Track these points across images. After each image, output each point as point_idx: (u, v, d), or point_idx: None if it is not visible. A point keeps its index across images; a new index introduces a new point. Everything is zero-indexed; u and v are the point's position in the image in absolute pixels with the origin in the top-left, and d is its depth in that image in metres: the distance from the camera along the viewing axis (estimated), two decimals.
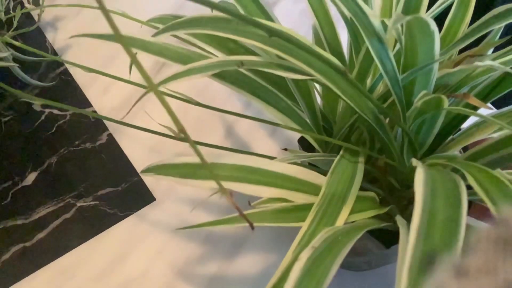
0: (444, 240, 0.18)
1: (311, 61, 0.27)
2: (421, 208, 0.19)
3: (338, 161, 0.31)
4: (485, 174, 0.23)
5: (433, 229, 0.18)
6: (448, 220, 0.19)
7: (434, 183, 0.21)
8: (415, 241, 0.18)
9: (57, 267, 0.47)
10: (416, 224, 0.18)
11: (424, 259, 0.18)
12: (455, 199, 0.20)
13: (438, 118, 0.30)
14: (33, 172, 0.53)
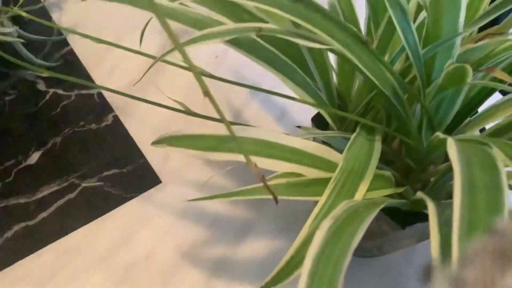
0: (489, 207, 0.17)
1: (331, 30, 0.26)
2: (460, 176, 0.18)
3: (355, 138, 0.30)
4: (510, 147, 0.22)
5: (476, 197, 0.18)
6: (488, 187, 0.18)
7: (467, 153, 0.20)
8: (461, 209, 0.17)
9: (60, 247, 0.47)
10: (459, 192, 0.18)
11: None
12: (491, 166, 0.19)
13: (459, 95, 0.29)
14: (36, 151, 0.52)
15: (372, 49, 0.26)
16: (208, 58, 0.59)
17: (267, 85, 0.51)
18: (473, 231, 0.17)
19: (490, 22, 0.32)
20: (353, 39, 0.26)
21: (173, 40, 0.18)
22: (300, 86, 0.31)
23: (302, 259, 0.24)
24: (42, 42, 0.60)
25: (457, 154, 0.20)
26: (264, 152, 0.28)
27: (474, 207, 0.17)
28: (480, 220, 0.17)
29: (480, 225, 0.17)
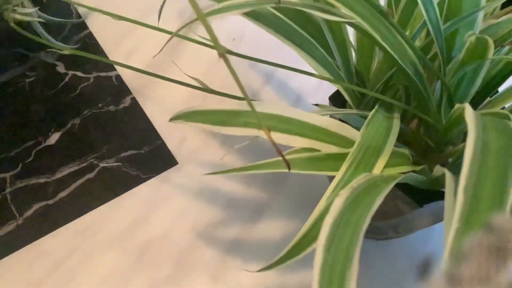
0: (498, 168, 0.17)
1: (351, 3, 0.26)
2: (474, 135, 0.18)
3: (373, 115, 0.30)
4: None
5: (487, 157, 0.17)
6: (502, 150, 0.18)
7: (484, 119, 0.20)
8: (470, 166, 0.17)
9: (78, 225, 0.47)
10: (471, 150, 0.17)
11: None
12: (507, 132, 0.19)
13: (480, 71, 0.29)
14: (56, 132, 0.53)
15: (393, 22, 0.25)
16: (225, 40, 0.59)
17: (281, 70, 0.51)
18: (480, 189, 0.17)
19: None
20: (374, 12, 0.26)
21: (196, 8, 0.18)
22: (319, 62, 0.31)
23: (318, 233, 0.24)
24: (61, 25, 0.60)
25: (473, 116, 0.19)
26: (280, 127, 0.28)
27: (484, 166, 0.17)
28: (488, 181, 0.17)
29: (488, 185, 0.17)
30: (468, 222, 0.16)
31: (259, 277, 0.45)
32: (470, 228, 0.15)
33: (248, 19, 0.28)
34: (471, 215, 0.16)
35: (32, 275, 0.45)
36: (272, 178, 0.50)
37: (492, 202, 0.17)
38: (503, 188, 0.17)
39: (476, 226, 0.16)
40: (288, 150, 0.28)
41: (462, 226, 0.16)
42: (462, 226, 0.16)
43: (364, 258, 0.45)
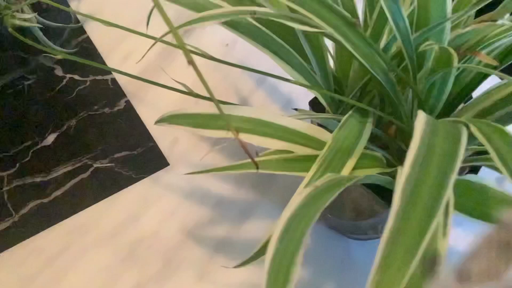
0: (439, 169, 0.19)
1: (323, 14, 0.28)
2: (419, 139, 0.20)
3: (347, 119, 0.32)
4: (491, 128, 0.23)
5: (430, 160, 0.19)
6: (446, 153, 0.19)
7: (435, 125, 0.21)
8: (411, 168, 0.19)
9: (72, 223, 0.49)
10: (413, 151, 0.19)
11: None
12: (454, 138, 0.20)
13: (449, 78, 0.30)
14: (52, 133, 0.55)
15: (361, 32, 0.27)
16: (218, 46, 0.61)
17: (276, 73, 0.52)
18: (419, 187, 0.18)
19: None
20: (344, 22, 0.28)
21: (166, 20, 0.19)
22: (296, 69, 0.32)
23: None
24: (60, 29, 0.62)
25: (423, 122, 0.21)
26: (257, 130, 0.30)
27: (425, 167, 0.19)
28: (427, 179, 0.18)
29: (426, 184, 0.18)
30: (404, 221, 0.17)
31: (245, 275, 0.46)
32: (404, 231, 0.17)
33: (226, 28, 0.30)
34: (405, 217, 0.18)
35: (26, 270, 0.47)
36: (261, 180, 0.52)
37: (429, 202, 0.18)
38: (440, 188, 0.18)
39: (409, 229, 0.17)
40: (264, 152, 0.30)
41: (396, 228, 0.17)
42: (396, 228, 0.17)
43: (348, 258, 0.47)
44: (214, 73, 0.59)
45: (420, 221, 0.18)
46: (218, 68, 0.59)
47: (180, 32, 0.64)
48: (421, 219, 0.18)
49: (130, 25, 0.64)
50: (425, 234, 0.17)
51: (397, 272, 0.17)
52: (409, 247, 0.17)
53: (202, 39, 0.62)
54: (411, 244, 0.17)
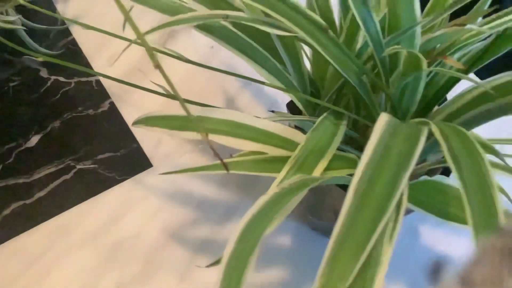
0: (393, 172, 0.19)
1: (296, 19, 0.28)
2: (376, 141, 0.20)
3: (321, 121, 0.32)
4: (451, 128, 0.24)
5: (386, 160, 0.19)
6: (401, 154, 0.20)
7: (397, 127, 0.22)
8: (365, 167, 0.19)
9: (54, 224, 0.49)
10: (369, 153, 0.19)
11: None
12: (413, 139, 0.21)
13: (420, 81, 0.31)
14: (36, 134, 0.55)
15: (332, 36, 0.28)
16: (204, 48, 0.61)
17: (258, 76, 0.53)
18: (372, 185, 0.19)
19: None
20: (316, 27, 0.28)
21: (132, 25, 0.20)
22: (271, 72, 0.33)
23: None
24: (45, 31, 0.62)
25: (382, 125, 0.21)
26: (232, 132, 0.30)
27: (380, 168, 0.19)
28: (381, 179, 0.19)
29: (379, 184, 0.19)
30: (353, 221, 0.18)
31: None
32: (352, 231, 0.17)
33: (199, 32, 0.31)
34: (355, 217, 0.18)
35: (8, 271, 0.47)
36: (244, 181, 0.52)
37: (380, 202, 0.18)
38: (392, 188, 0.19)
39: (360, 228, 0.17)
40: (237, 153, 0.30)
41: (345, 227, 0.17)
42: (345, 227, 0.17)
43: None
44: (200, 75, 0.59)
45: (369, 221, 0.18)
46: (204, 70, 0.60)
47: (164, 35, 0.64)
48: (370, 219, 0.18)
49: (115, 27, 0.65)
50: (372, 234, 0.18)
51: (344, 270, 0.17)
52: (356, 246, 0.18)
53: (188, 42, 0.62)
54: (359, 243, 0.18)
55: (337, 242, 0.18)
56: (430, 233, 0.48)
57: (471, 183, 0.20)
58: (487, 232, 0.18)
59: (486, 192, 0.19)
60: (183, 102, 0.20)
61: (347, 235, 0.18)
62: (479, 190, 0.19)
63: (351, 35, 0.33)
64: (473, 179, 0.20)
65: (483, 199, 0.19)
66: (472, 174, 0.20)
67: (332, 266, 0.18)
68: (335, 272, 0.17)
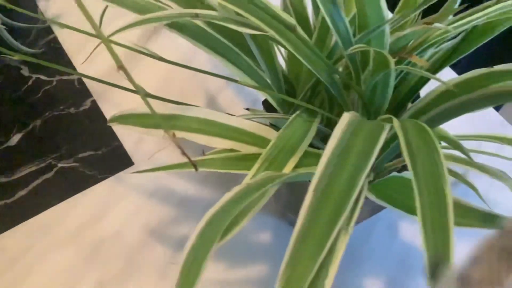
0: (352, 169, 0.20)
1: (265, 18, 0.29)
2: (336, 141, 0.21)
3: (294, 118, 0.32)
4: (412, 124, 0.25)
5: (346, 159, 0.20)
6: (361, 152, 0.20)
7: (360, 125, 0.22)
8: (324, 168, 0.19)
9: (35, 223, 0.49)
10: (328, 153, 0.20)
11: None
12: (374, 137, 0.21)
13: (389, 79, 0.31)
14: (17, 133, 0.55)
15: (300, 35, 0.28)
16: (186, 46, 0.61)
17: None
18: (330, 186, 0.19)
19: None
20: (285, 26, 0.29)
21: (96, 30, 0.20)
22: (244, 70, 0.33)
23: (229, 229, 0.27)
24: (27, 30, 0.62)
25: (344, 124, 0.22)
26: (205, 130, 0.30)
27: (339, 167, 0.20)
28: (341, 176, 0.19)
29: (340, 179, 0.19)
30: (312, 221, 0.18)
31: (209, 272, 0.47)
32: (312, 229, 0.17)
33: (170, 30, 0.31)
34: (315, 215, 0.18)
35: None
36: (225, 179, 0.53)
37: (339, 200, 0.19)
38: (351, 185, 0.19)
39: (317, 226, 0.18)
40: (210, 151, 0.31)
41: (305, 226, 0.18)
42: (305, 226, 0.18)
43: None
44: (182, 74, 0.60)
45: (329, 219, 0.19)
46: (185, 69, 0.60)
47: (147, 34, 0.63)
48: (329, 217, 0.19)
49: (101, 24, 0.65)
50: (332, 230, 0.18)
51: (305, 268, 0.18)
52: (316, 244, 0.18)
53: (170, 40, 0.62)
54: (318, 241, 0.18)
55: (298, 241, 0.18)
56: (409, 229, 0.49)
57: (425, 177, 0.20)
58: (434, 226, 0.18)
59: (438, 187, 0.20)
60: (145, 98, 0.20)
61: (307, 233, 0.18)
62: (432, 184, 0.20)
63: (323, 34, 0.34)
64: (427, 173, 0.20)
65: (435, 192, 0.20)
66: (426, 169, 0.21)
67: (294, 264, 0.18)
68: (296, 271, 0.18)
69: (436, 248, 0.19)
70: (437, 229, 0.19)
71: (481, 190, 0.35)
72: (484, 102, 0.25)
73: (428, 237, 0.19)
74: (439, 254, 0.19)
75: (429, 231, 0.20)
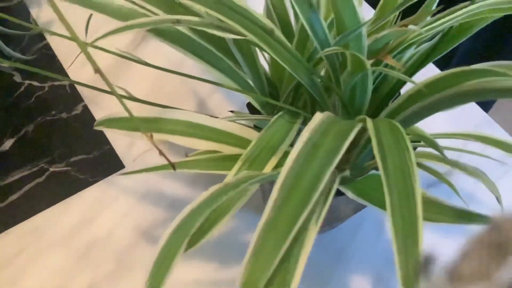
0: (319, 166, 0.20)
1: (246, 23, 0.30)
2: (304, 140, 0.21)
3: (276, 120, 0.33)
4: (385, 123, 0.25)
5: (313, 158, 0.21)
6: (329, 151, 0.21)
7: (331, 124, 0.23)
8: (291, 166, 0.20)
9: (27, 226, 0.50)
10: (296, 151, 0.21)
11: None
12: (343, 136, 0.22)
13: (367, 80, 0.32)
14: (10, 138, 0.55)
15: (278, 38, 0.29)
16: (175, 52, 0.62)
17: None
18: (297, 184, 0.20)
19: None
20: (263, 30, 0.30)
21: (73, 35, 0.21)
22: (226, 74, 0.34)
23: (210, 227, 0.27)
24: (20, 36, 0.63)
25: (315, 124, 0.23)
26: (188, 132, 0.31)
27: (306, 165, 0.20)
28: (306, 174, 0.20)
29: (305, 179, 0.20)
30: (276, 218, 0.19)
31: (195, 274, 0.48)
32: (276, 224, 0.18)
33: (151, 35, 0.32)
34: (280, 211, 0.19)
35: None
36: (215, 181, 0.53)
37: (302, 197, 0.20)
38: (316, 183, 0.20)
39: (280, 222, 0.19)
40: (192, 153, 0.31)
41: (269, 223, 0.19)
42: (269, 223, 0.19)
43: None
44: (172, 79, 0.60)
45: (292, 215, 0.19)
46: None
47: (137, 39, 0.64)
48: (293, 213, 0.19)
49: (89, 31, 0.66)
50: (293, 227, 0.19)
51: (267, 260, 0.19)
52: (279, 238, 0.19)
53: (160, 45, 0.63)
54: (281, 236, 0.19)
55: (262, 235, 0.19)
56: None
57: (395, 175, 0.21)
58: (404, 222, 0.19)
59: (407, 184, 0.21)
60: (122, 101, 0.21)
61: (271, 228, 0.19)
62: (401, 182, 0.21)
63: (304, 38, 0.35)
64: (397, 171, 0.21)
65: (405, 190, 0.20)
66: (397, 166, 0.21)
67: (256, 256, 0.19)
68: (258, 262, 0.19)
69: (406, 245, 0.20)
70: (406, 225, 0.20)
71: (468, 190, 0.36)
72: (456, 101, 0.26)
73: (398, 233, 0.20)
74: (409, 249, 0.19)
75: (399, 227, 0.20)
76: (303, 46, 0.35)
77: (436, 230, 0.50)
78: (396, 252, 0.19)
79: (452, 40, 0.35)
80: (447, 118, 0.57)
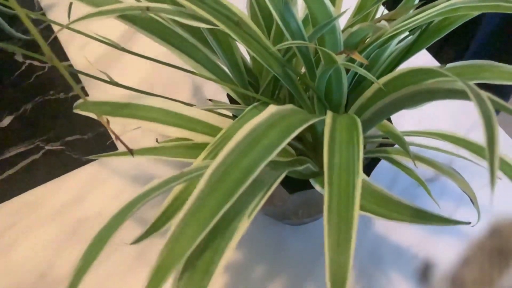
0: (254, 158, 0.21)
1: (217, 13, 0.30)
2: (246, 132, 0.22)
3: (250, 110, 0.34)
4: (348, 119, 0.26)
5: (250, 150, 0.21)
6: (269, 145, 0.21)
7: (284, 117, 0.23)
8: (224, 158, 0.21)
9: (21, 201, 0.52)
10: (233, 143, 0.21)
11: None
12: (289, 130, 0.22)
13: (341, 74, 0.32)
14: (9, 116, 0.57)
15: (244, 29, 0.29)
16: None
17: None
18: (227, 174, 0.20)
19: None
20: (231, 21, 0.30)
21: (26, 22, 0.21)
22: (202, 63, 0.34)
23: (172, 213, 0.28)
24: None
25: (262, 117, 0.23)
26: (160, 119, 0.32)
27: (243, 154, 0.21)
28: (239, 166, 0.21)
29: (237, 170, 0.21)
30: (200, 205, 0.19)
31: None
32: (199, 212, 0.19)
33: (123, 22, 0.32)
34: (202, 202, 0.20)
35: None
36: None
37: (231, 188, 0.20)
38: (247, 174, 0.20)
39: (204, 210, 0.19)
40: (164, 140, 0.32)
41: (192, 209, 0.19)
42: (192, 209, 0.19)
43: (281, 242, 0.49)
44: (166, 69, 0.61)
45: (216, 204, 0.20)
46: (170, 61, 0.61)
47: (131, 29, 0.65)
48: (217, 203, 0.20)
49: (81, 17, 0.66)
50: (215, 216, 0.20)
51: (184, 247, 0.19)
52: (199, 226, 0.20)
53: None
54: (202, 224, 0.20)
55: (183, 221, 0.20)
56: (381, 222, 0.49)
57: (339, 171, 0.21)
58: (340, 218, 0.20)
59: (349, 181, 0.21)
60: (67, 74, 0.22)
61: (192, 215, 0.20)
62: (344, 179, 0.21)
63: (280, 32, 0.35)
64: (342, 167, 0.22)
65: (346, 185, 0.21)
66: (343, 163, 0.22)
67: (172, 245, 0.20)
68: (174, 251, 0.19)
69: (339, 242, 0.21)
70: (342, 222, 0.20)
71: (459, 190, 0.36)
72: (417, 99, 0.26)
73: (331, 230, 0.21)
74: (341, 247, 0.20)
75: (334, 223, 0.21)
76: (280, 39, 0.35)
77: (427, 229, 0.50)
78: (327, 249, 0.19)
79: (432, 36, 0.35)
80: (446, 115, 0.56)
